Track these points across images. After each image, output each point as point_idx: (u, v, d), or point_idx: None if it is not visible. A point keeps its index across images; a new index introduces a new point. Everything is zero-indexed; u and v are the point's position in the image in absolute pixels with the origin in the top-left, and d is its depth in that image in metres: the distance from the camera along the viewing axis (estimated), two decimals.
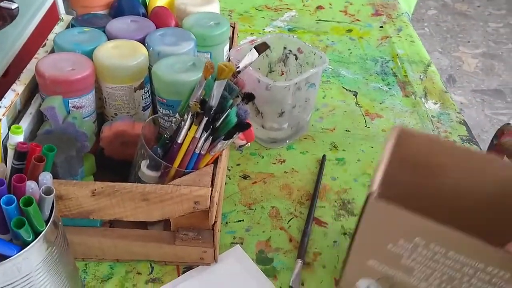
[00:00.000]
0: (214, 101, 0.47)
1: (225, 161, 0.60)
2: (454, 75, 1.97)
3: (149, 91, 0.64)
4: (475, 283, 0.43)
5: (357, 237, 0.46)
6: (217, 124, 0.49)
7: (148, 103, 0.64)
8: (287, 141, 0.76)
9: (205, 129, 0.48)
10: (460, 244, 0.42)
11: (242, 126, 0.49)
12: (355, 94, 0.86)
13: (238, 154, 0.73)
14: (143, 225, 0.58)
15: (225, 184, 0.68)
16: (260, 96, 0.69)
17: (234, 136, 0.50)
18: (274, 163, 0.72)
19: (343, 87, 0.88)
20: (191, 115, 0.48)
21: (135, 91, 0.62)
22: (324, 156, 0.73)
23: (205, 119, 0.47)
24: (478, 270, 0.43)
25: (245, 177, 0.70)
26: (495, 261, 0.41)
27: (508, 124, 0.73)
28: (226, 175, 0.70)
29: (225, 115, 0.48)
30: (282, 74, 0.78)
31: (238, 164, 0.72)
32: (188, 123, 0.48)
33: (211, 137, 0.49)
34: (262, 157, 0.73)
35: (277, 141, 0.75)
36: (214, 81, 0.46)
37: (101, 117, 0.65)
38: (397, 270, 0.46)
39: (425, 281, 0.46)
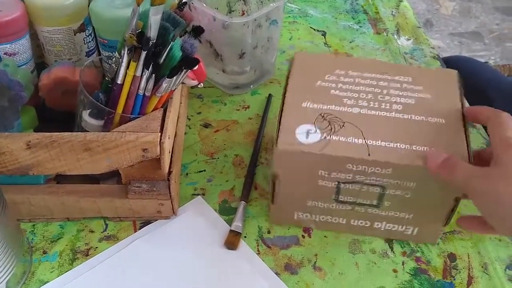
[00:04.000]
0: (152, 32, 0.41)
1: (178, 105, 0.55)
2: (432, 19, 1.91)
3: (92, 35, 0.58)
4: (393, 92, 0.51)
5: (290, 83, 0.52)
6: (161, 61, 0.44)
7: (92, 48, 0.58)
8: (251, 86, 0.71)
9: (146, 66, 0.43)
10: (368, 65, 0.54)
11: (189, 61, 0.44)
12: (324, 34, 0.81)
13: (199, 102, 0.68)
14: (95, 181, 0.54)
15: (185, 134, 0.63)
16: (217, 36, 0.64)
17: (182, 73, 0.45)
18: (238, 110, 0.68)
19: (311, 27, 0.82)
20: (128, 49, 0.42)
21: (74, 34, 0.55)
22: (270, 95, 0.69)
23: (144, 53, 0.42)
24: (391, 81, 0.52)
25: (206, 125, 0.65)
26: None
27: None
28: (186, 125, 0.65)
29: (167, 48, 0.43)
30: (243, 13, 0.72)
31: (199, 113, 0.67)
32: (125, 59, 0.43)
33: (154, 75, 0.44)
34: (225, 104, 0.68)
35: (240, 86, 0.70)
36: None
37: (42, 67, 0.59)
38: (329, 104, 0.49)
39: (356, 105, 0.50)
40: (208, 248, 0.51)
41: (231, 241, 0.51)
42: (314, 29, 0.82)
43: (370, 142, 0.46)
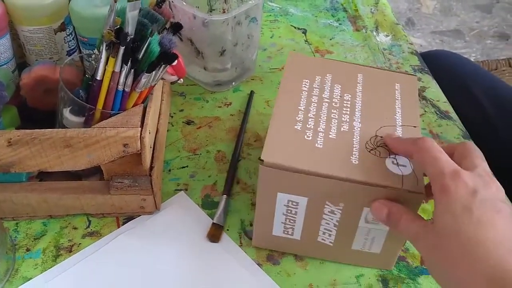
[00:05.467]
0: (130, 28, 0.42)
1: (159, 101, 0.56)
2: (413, 18, 1.94)
3: (73, 34, 0.58)
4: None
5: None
6: (139, 56, 0.44)
7: (73, 47, 0.59)
8: (233, 83, 0.71)
9: (125, 61, 0.44)
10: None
11: (168, 56, 0.45)
12: (304, 32, 0.82)
13: (181, 100, 0.69)
14: (78, 179, 0.54)
15: (168, 131, 0.64)
16: (198, 34, 0.65)
17: (161, 69, 0.46)
18: (220, 107, 0.68)
19: (291, 25, 0.83)
20: (106, 45, 0.43)
21: (55, 34, 0.56)
22: (251, 92, 0.70)
23: (122, 48, 0.43)
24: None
25: (188, 122, 0.66)
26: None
27: None
28: (169, 122, 0.65)
29: (146, 44, 0.43)
30: (224, 12, 0.73)
31: (181, 110, 0.67)
32: (104, 55, 0.43)
33: (134, 71, 0.45)
34: (207, 101, 0.69)
35: (222, 83, 0.71)
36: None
37: (24, 67, 0.59)
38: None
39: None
40: (191, 241, 0.52)
41: (214, 234, 0.52)
42: (295, 27, 0.83)
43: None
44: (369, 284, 0.49)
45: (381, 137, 0.45)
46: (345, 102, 0.49)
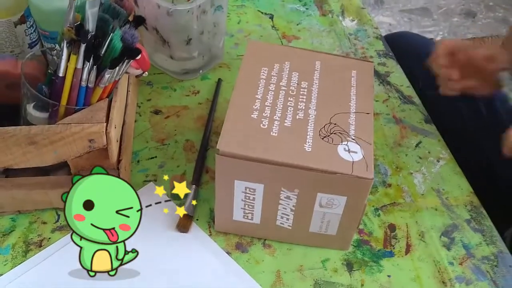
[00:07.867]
0: (90, 25, 0.42)
1: (124, 94, 0.56)
2: None
3: (34, 26, 0.57)
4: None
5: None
6: (102, 52, 0.44)
7: (34, 40, 0.58)
8: (201, 71, 0.71)
9: (87, 58, 0.44)
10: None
11: (130, 52, 0.45)
12: (271, 17, 0.82)
13: (149, 89, 0.69)
14: (45, 173, 0.54)
15: (135, 121, 0.64)
16: (163, 23, 0.65)
17: (124, 64, 0.46)
18: (188, 95, 0.69)
19: (258, 10, 0.83)
20: (67, 43, 0.42)
21: (15, 27, 0.55)
22: (219, 79, 0.70)
23: (83, 46, 0.42)
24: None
25: (156, 112, 0.66)
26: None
27: None
28: (136, 112, 0.65)
29: (108, 40, 0.43)
30: (189, 1, 0.73)
31: (149, 100, 0.67)
32: (65, 52, 0.43)
33: (96, 66, 0.45)
34: (175, 90, 0.69)
35: (189, 71, 0.71)
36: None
37: None
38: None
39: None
40: (161, 232, 0.53)
41: (183, 224, 0.53)
42: (262, 13, 0.83)
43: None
44: (334, 268, 0.51)
45: (335, 124, 0.47)
46: (302, 89, 0.50)
